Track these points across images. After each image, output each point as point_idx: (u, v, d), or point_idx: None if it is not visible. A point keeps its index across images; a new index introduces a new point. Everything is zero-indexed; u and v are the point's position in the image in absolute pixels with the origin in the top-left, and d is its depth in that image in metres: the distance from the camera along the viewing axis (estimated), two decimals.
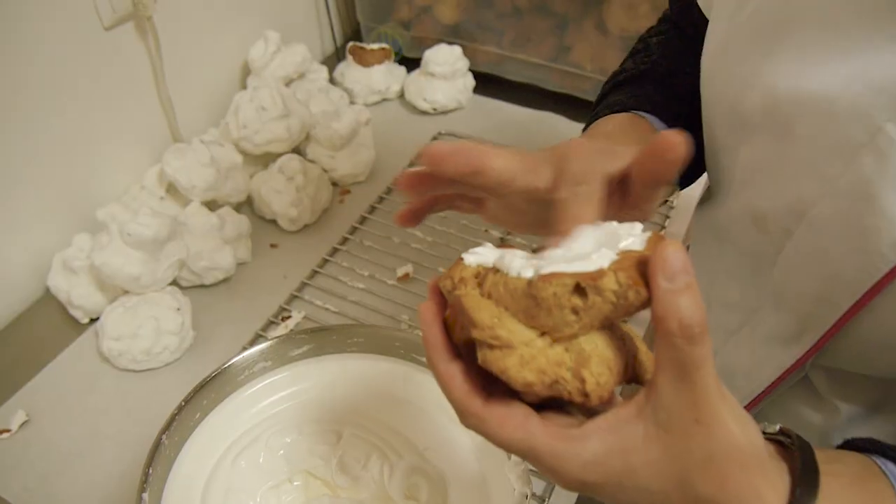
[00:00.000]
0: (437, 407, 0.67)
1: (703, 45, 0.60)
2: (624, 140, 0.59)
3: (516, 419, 0.38)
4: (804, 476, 0.38)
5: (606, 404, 0.38)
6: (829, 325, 0.52)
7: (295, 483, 0.64)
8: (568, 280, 0.35)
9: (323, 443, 0.64)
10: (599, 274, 0.35)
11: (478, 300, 0.38)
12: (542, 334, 0.37)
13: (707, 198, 0.69)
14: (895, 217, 0.45)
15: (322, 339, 0.69)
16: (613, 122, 0.63)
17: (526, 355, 0.36)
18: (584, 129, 0.65)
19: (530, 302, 0.36)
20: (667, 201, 0.65)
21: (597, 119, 0.65)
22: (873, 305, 0.49)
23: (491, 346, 0.36)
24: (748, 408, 0.62)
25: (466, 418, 0.39)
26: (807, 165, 0.51)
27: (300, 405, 0.67)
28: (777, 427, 0.42)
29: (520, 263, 0.37)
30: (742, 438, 0.35)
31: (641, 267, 0.35)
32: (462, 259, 0.40)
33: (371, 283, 0.98)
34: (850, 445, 0.46)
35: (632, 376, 0.39)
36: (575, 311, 0.35)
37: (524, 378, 0.36)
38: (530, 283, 0.36)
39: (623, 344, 0.38)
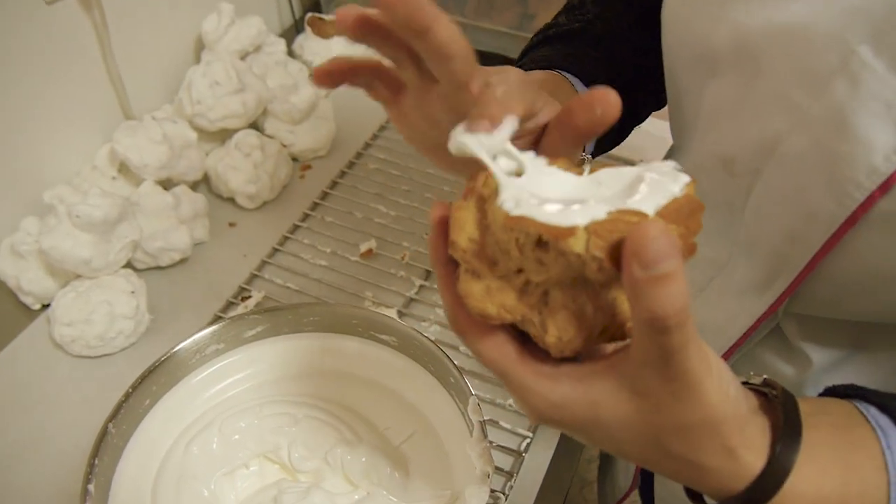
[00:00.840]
0: (398, 386, 0.65)
1: (645, 7, 0.58)
2: None
3: (495, 339, 0.37)
4: (786, 431, 0.37)
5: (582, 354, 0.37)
6: (802, 265, 0.51)
7: (251, 468, 0.62)
8: (532, 230, 0.32)
9: (279, 426, 0.62)
10: (569, 232, 0.31)
11: (467, 217, 0.35)
12: (520, 271, 0.34)
13: (671, 154, 0.67)
14: (870, 142, 0.44)
15: (277, 318, 0.67)
16: (535, 78, 0.60)
17: (493, 287, 0.35)
18: None
19: (505, 237, 0.33)
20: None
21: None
22: (846, 241, 0.48)
23: (465, 268, 0.35)
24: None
25: (453, 323, 0.39)
26: (776, 99, 0.49)
27: (255, 388, 0.65)
28: (762, 378, 0.40)
29: (511, 193, 0.34)
30: (719, 404, 0.34)
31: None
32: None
33: (333, 259, 0.95)
34: (832, 392, 0.45)
35: (618, 336, 0.37)
36: (540, 261, 0.33)
37: (483, 308, 0.35)
38: (505, 220, 0.33)
39: (606, 308, 0.35)
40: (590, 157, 0.63)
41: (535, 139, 0.46)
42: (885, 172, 0.44)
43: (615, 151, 1.13)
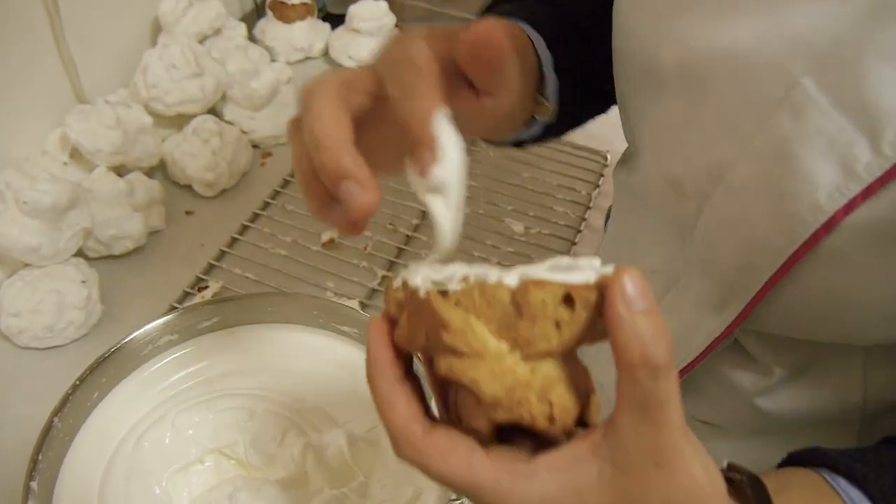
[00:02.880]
0: (360, 380, 0.63)
1: None
2: None
3: (460, 451, 0.34)
4: None
5: (561, 437, 0.35)
6: (753, 293, 0.50)
7: (205, 464, 0.59)
8: (558, 289, 0.32)
9: (235, 421, 0.60)
10: (589, 287, 0.32)
11: (447, 305, 0.34)
12: (512, 349, 0.33)
13: (624, 163, 0.66)
14: (814, 178, 0.43)
15: (232, 309, 0.64)
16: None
17: (496, 369, 0.33)
18: None
19: (510, 311, 0.33)
20: (548, 126, 0.60)
21: None
22: (795, 273, 0.47)
23: (459, 354, 0.33)
24: (680, 375, 0.59)
25: (403, 448, 0.35)
26: (721, 126, 0.48)
27: (209, 381, 0.63)
28: (725, 463, 0.39)
29: (497, 272, 0.34)
30: (704, 480, 0.33)
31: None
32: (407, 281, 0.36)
33: (294, 249, 0.93)
34: (796, 460, 0.44)
35: (581, 416, 0.36)
36: (557, 324, 0.32)
37: (494, 392, 0.33)
38: (516, 289, 0.33)
39: (584, 378, 0.35)
40: (551, 104, 0.61)
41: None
42: (829, 211, 0.43)
43: (587, 142, 1.12)
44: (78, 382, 0.57)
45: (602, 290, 0.32)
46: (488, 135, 0.60)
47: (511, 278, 0.33)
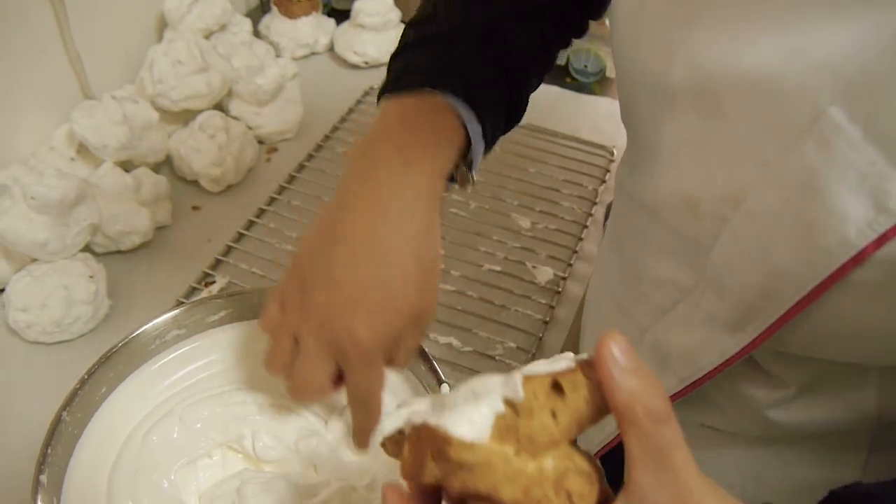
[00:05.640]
0: None
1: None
2: (423, 147, 0.54)
3: None
4: None
5: None
6: (775, 318, 0.48)
7: (213, 458, 0.59)
8: (545, 379, 0.34)
9: (243, 415, 0.60)
10: (572, 371, 0.34)
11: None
12: (518, 451, 0.34)
13: (630, 165, 0.63)
14: (843, 212, 0.41)
15: (241, 303, 0.64)
16: (415, 116, 0.56)
17: (508, 471, 0.33)
18: (379, 101, 0.59)
19: (507, 413, 0.34)
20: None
21: (396, 92, 0.57)
22: (821, 302, 0.45)
23: (470, 468, 0.34)
24: (688, 390, 0.58)
25: None
26: (741, 148, 0.46)
27: (218, 375, 0.63)
28: None
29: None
30: None
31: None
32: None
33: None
34: (836, 499, 0.44)
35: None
36: (553, 413, 0.34)
37: (513, 496, 0.33)
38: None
39: (590, 459, 0.36)
40: (472, 175, 0.61)
41: None
42: (858, 245, 0.41)
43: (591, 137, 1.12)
44: (86, 377, 0.57)
45: (585, 371, 0.33)
46: None
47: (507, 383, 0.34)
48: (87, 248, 0.86)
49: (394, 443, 0.38)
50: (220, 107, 1.05)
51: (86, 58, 0.99)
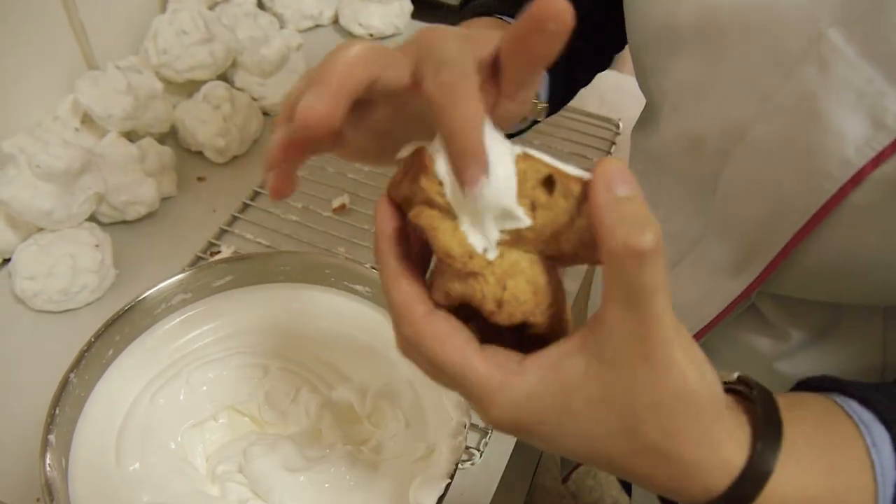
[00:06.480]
0: (372, 338, 0.64)
1: None
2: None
3: (457, 340, 0.34)
4: (766, 428, 0.34)
5: (549, 338, 0.35)
6: (775, 252, 0.49)
7: (220, 420, 0.60)
8: (542, 167, 0.32)
9: (249, 378, 0.60)
10: (576, 179, 0.32)
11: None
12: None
13: (642, 124, 0.65)
14: (842, 132, 0.42)
15: (245, 267, 0.65)
16: (476, 25, 0.56)
17: (461, 231, 0.32)
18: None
19: None
20: (537, 121, 0.61)
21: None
22: (820, 230, 0.46)
23: (431, 204, 0.33)
24: (694, 339, 0.59)
25: (403, 326, 0.35)
26: (743, 82, 0.47)
27: (223, 339, 0.63)
28: (735, 375, 0.38)
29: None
30: (696, 383, 0.32)
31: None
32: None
33: (305, 214, 0.93)
34: (807, 385, 0.43)
35: (553, 329, 0.35)
36: (533, 205, 0.32)
37: (448, 245, 0.32)
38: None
39: (557, 288, 0.35)
40: (546, 103, 0.61)
41: (490, 80, 0.40)
42: (857, 164, 0.42)
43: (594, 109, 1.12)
44: (93, 339, 0.57)
45: (585, 188, 0.31)
46: None
47: (515, 147, 0.33)
48: (92, 219, 0.86)
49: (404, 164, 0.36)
50: (224, 78, 1.05)
51: (90, 28, 0.98)
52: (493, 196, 0.32)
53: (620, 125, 1.10)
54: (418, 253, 0.37)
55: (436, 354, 0.34)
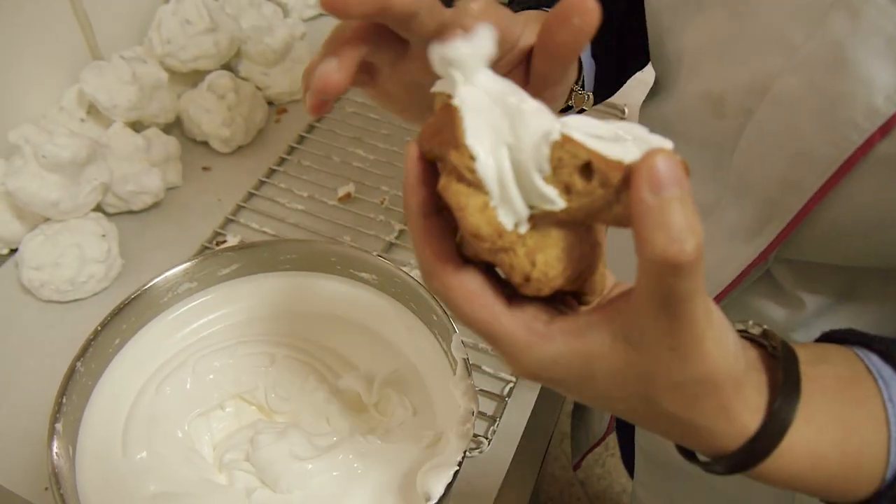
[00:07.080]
0: (379, 326, 0.63)
1: None
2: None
3: (485, 298, 0.34)
4: (783, 390, 0.35)
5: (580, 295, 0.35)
6: (795, 211, 0.48)
7: (226, 409, 0.60)
8: (582, 153, 0.30)
9: (256, 366, 0.60)
10: (618, 166, 0.29)
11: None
12: None
13: (651, 97, 0.65)
14: (870, 80, 0.41)
15: (251, 256, 0.64)
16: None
17: (490, 208, 0.31)
18: None
19: None
20: (583, 110, 0.60)
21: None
22: (842, 185, 0.46)
23: (460, 178, 0.31)
24: None
25: (432, 282, 0.35)
26: (768, 36, 0.47)
27: (230, 328, 0.63)
28: (761, 329, 0.38)
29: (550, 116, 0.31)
30: (719, 365, 0.31)
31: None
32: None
33: (311, 204, 0.93)
34: (831, 338, 0.43)
35: (577, 289, 0.35)
36: (567, 188, 0.30)
37: (477, 225, 0.31)
38: (542, 137, 0.30)
39: (589, 253, 0.34)
40: (590, 94, 0.61)
41: (521, 69, 0.42)
42: (886, 113, 0.41)
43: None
44: (99, 328, 0.57)
45: (627, 175, 0.29)
46: None
47: (555, 124, 0.30)
48: (98, 209, 0.86)
49: (441, 102, 0.34)
50: (228, 68, 1.04)
51: (94, 18, 0.98)
52: (466, 49, 0.32)
53: (626, 111, 1.09)
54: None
55: (464, 312, 0.34)
